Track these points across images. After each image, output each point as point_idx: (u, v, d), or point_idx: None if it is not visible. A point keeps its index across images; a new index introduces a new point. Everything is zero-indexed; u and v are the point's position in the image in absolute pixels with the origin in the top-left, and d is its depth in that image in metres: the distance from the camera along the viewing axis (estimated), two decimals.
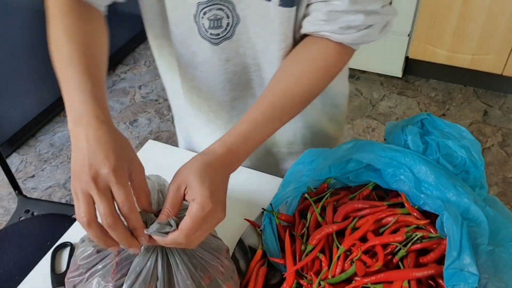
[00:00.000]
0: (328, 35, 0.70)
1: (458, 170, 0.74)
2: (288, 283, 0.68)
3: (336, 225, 0.70)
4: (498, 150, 2.24)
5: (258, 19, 0.72)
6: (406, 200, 0.71)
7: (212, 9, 0.71)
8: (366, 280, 0.64)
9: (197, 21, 0.73)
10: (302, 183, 0.77)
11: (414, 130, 0.77)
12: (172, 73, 0.90)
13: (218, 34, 0.74)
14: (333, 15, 0.67)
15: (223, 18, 0.72)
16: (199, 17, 0.72)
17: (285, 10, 0.68)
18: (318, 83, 0.72)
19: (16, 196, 1.54)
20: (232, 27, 0.74)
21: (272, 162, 1.00)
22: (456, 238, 0.60)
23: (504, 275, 0.60)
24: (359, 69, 2.73)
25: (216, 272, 0.62)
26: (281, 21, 0.70)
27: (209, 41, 0.75)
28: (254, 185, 0.91)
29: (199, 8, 0.71)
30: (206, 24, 0.73)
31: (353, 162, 0.76)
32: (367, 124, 2.44)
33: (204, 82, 0.84)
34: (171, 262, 0.59)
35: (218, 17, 0.72)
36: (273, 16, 0.70)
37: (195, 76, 0.84)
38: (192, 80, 0.85)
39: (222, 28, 0.74)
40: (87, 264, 0.60)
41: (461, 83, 2.62)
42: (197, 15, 0.72)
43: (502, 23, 2.20)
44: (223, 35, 0.75)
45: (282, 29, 0.71)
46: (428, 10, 2.30)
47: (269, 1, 0.68)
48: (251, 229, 0.79)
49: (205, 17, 0.72)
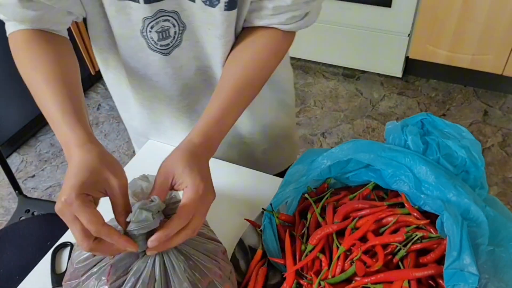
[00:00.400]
0: (277, 26, 0.75)
1: (458, 170, 0.74)
2: (288, 283, 0.68)
3: (336, 225, 0.70)
4: (498, 150, 2.24)
5: (203, 24, 0.73)
6: (406, 200, 0.71)
7: (159, 22, 0.72)
8: (366, 280, 0.64)
9: (144, 36, 0.74)
10: (302, 183, 0.77)
11: (414, 130, 0.77)
12: (120, 86, 0.91)
13: (168, 44, 0.76)
14: (278, 9, 0.72)
15: (170, 27, 0.73)
16: (147, 32, 0.73)
17: (230, 13, 0.71)
18: (270, 66, 0.78)
19: (16, 196, 1.55)
20: (179, 34, 0.75)
21: (241, 153, 1.03)
22: (456, 238, 0.60)
23: (504, 275, 0.60)
24: (359, 69, 2.73)
25: (214, 275, 0.62)
26: (228, 25, 0.73)
27: (160, 52, 0.77)
28: (254, 185, 0.91)
29: (145, 23, 0.72)
30: (155, 37, 0.74)
31: (353, 162, 0.76)
32: (367, 124, 2.44)
33: (160, 91, 0.85)
34: (167, 265, 0.59)
35: (166, 27, 0.73)
36: (219, 21, 0.71)
37: (151, 87, 0.85)
38: (148, 91, 0.86)
39: (171, 38, 0.75)
40: (83, 267, 0.60)
41: (461, 83, 2.62)
42: (144, 30, 0.73)
43: (502, 23, 2.20)
44: (173, 44, 0.76)
45: (229, 32, 0.74)
46: (428, 10, 2.30)
47: (214, 7, 0.69)
48: (251, 229, 0.79)
49: (153, 30, 0.73)
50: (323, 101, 2.59)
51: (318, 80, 2.73)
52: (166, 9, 0.71)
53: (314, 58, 2.81)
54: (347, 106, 2.55)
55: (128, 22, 0.72)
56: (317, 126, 2.44)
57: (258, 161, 1.04)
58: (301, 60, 2.86)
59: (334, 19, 2.53)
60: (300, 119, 2.49)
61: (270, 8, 0.72)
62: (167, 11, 0.71)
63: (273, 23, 0.75)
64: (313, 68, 2.82)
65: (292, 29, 0.76)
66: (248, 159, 1.03)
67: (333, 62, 2.78)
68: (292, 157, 1.15)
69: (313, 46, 2.72)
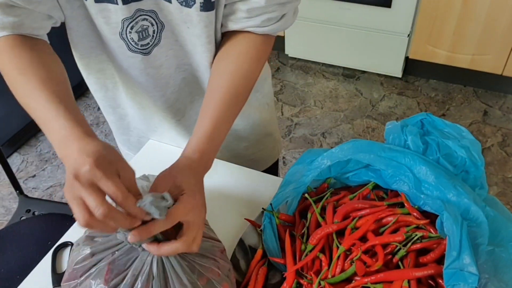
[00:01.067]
0: (252, 30, 0.75)
1: (458, 170, 0.74)
2: (288, 283, 0.68)
3: (336, 225, 0.70)
4: (498, 150, 2.24)
5: (181, 23, 0.74)
6: (406, 200, 0.71)
7: (138, 21, 0.73)
8: (366, 279, 0.64)
9: (124, 38, 0.75)
10: (302, 183, 0.77)
11: (414, 130, 0.77)
12: (104, 90, 0.91)
13: (148, 43, 0.76)
14: (253, 11, 0.72)
15: (148, 26, 0.74)
16: (127, 33, 0.74)
17: (207, 14, 0.71)
18: (254, 71, 0.78)
19: (17, 195, 1.55)
20: (158, 33, 0.76)
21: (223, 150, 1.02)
22: (456, 238, 0.60)
23: (504, 275, 0.60)
24: (359, 69, 2.73)
25: (212, 273, 0.62)
26: (205, 25, 0.73)
27: (140, 53, 0.77)
28: (254, 185, 0.92)
29: (124, 25, 0.72)
30: (135, 37, 0.75)
31: (353, 162, 0.76)
32: (367, 124, 2.44)
33: (144, 91, 0.86)
34: (165, 263, 0.59)
35: (145, 27, 0.74)
36: (196, 21, 0.72)
37: (136, 86, 0.85)
38: (134, 88, 0.87)
39: (150, 37, 0.76)
40: (81, 267, 0.60)
41: (461, 83, 2.62)
42: (123, 31, 0.74)
43: (502, 23, 2.20)
44: (152, 42, 0.77)
45: (206, 32, 0.74)
46: (428, 10, 2.30)
47: (190, 7, 0.70)
48: (251, 229, 0.79)
49: (133, 31, 0.74)
50: (323, 101, 2.60)
51: (318, 80, 2.74)
52: (144, 9, 0.71)
53: (314, 58, 2.82)
54: (347, 106, 2.55)
55: (107, 25, 0.73)
56: (317, 126, 2.45)
57: (241, 158, 1.05)
58: (301, 60, 2.86)
59: (334, 19, 2.53)
60: (300, 119, 2.49)
61: (244, 10, 0.72)
62: (145, 10, 0.72)
63: (249, 26, 0.74)
64: (313, 68, 2.82)
65: (268, 32, 0.76)
66: (230, 156, 1.03)
67: (333, 62, 2.78)
68: (275, 154, 1.15)
69: (313, 46, 2.72)
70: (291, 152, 2.32)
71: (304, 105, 2.57)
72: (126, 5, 0.69)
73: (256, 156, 1.08)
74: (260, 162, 1.11)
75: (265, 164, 1.13)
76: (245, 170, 0.95)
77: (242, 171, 0.95)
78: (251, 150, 1.06)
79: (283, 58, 2.89)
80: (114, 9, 0.70)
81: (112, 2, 0.69)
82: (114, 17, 0.71)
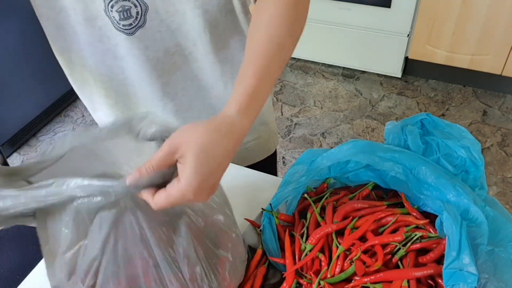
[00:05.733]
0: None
1: (458, 170, 0.74)
2: (288, 283, 0.68)
3: (336, 225, 0.70)
4: (498, 150, 2.24)
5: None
6: (405, 200, 0.71)
7: (118, 1, 0.72)
8: (365, 279, 0.64)
9: (108, 15, 0.74)
10: (302, 183, 0.77)
11: (414, 130, 0.78)
12: (89, 86, 0.89)
13: (131, 24, 0.75)
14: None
15: (131, 7, 0.73)
16: (109, 11, 0.74)
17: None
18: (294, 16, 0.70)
19: None
20: (142, 15, 0.75)
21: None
22: (455, 238, 0.60)
23: (504, 275, 0.60)
24: (358, 69, 2.73)
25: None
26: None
27: (123, 32, 0.76)
28: (254, 185, 0.92)
29: (106, 2, 0.72)
30: (116, 16, 0.74)
31: (353, 162, 0.76)
32: (366, 124, 2.44)
33: (131, 74, 0.84)
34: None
35: (126, 7, 0.73)
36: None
37: (122, 69, 0.83)
38: (120, 74, 0.85)
39: (133, 18, 0.75)
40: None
41: (460, 83, 2.62)
42: (106, 9, 0.73)
43: (501, 23, 2.20)
44: (136, 24, 0.76)
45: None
46: (428, 10, 2.30)
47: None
48: (250, 229, 0.80)
49: (114, 10, 0.73)
50: (323, 101, 2.60)
51: (317, 80, 2.74)
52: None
53: (313, 58, 2.82)
54: (346, 106, 2.55)
55: (92, 2, 0.73)
56: (316, 126, 2.45)
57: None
58: (301, 60, 2.86)
59: (334, 19, 2.53)
60: (300, 119, 2.49)
61: None
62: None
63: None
64: (312, 68, 2.82)
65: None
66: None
67: (332, 62, 2.78)
68: (271, 146, 1.14)
69: (313, 46, 2.72)
70: (291, 152, 2.32)
71: (303, 105, 2.57)
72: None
73: (250, 145, 1.06)
74: (255, 152, 1.09)
75: (261, 155, 1.11)
76: (245, 170, 0.95)
77: (242, 171, 0.95)
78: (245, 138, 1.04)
79: None
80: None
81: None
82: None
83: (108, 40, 0.79)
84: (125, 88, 0.88)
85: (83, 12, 0.74)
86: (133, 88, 0.87)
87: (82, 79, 0.89)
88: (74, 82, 0.92)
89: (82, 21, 0.76)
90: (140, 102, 0.90)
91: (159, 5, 0.75)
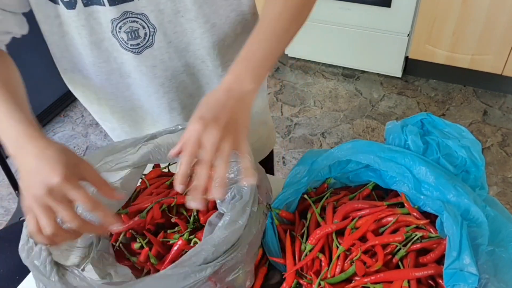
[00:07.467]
0: None
1: (458, 170, 0.74)
2: (288, 283, 0.68)
3: (336, 225, 0.70)
4: (498, 150, 2.24)
5: (174, 18, 0.74)
6: (406, 200, 0.71)
7: (126, 23, 0.73)
8: (366, 280, 0.64)
9: (116, 36, 0.75)
10: (302, 184, 0.77)
11: (414, 130, 0.77)
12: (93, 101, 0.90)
13: (138, 43, 0.77)
14: None
15: (139, 29, 0.74)
16: (116, 32, 0.75)
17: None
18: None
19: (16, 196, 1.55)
20: (150, 36, 0.76)
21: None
22: (456, 238, 0.60)
23: (504, 275, 0.60)
24: (359, 69, 2.73)
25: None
26: (200, 5, 0.73)
27: (131, 51, 0.77)
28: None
29: (114, 24, 0.73)
30: (124, 37, 0.75)
31: (353, 162, 0.76)
32: (366, 124, 2.44)
33: (138, 89, 0.85)
34: None
35: (134, 28, 0.74)
36: (190, 3, 0.72)
37: (128, 86, 0.85)
38: (126, 91, 0.86)
39: (141, 38, 0.76)
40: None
41: (460, 83, 2.62)
42: (114, 31, 0.74)
43: (502, 23, 2.20)
44: (143, 44, 0.77)
45: (202, 12, 0.74)
46: (428, 10, 2.30)
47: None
48: None
49: (122, 31, 0.74)
50: (323, 101, 2.60)
51: (317, 80, 2.74)
52: (132, 11, 0.72)
53: (313, 58, 2.81)
54: (346, 106, 2.55)
55: (98, 25, 0.74)
56: (316, 126, 2.44)
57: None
58: (301, 60, 2.86)
59: (334, 19, 2.53)
60: (300, 119, 2.49)
61: None
62: (134, 13, 0.72)
63: None
64: (312, 68, 2.82)
65: None
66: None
67: (332, 62, 2.78)
68: (270, 142, 1.14)
69: (313, 46, 2.72)
70: (291, 152, 2.32)
71: (303, 105, 2.57)
72: (113, 7, 0.71)
73: (253, 147, 1.07)
74: (257, 152, 1.09)
75: (262, 154, 1.12)
76: None
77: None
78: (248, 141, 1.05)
79: (282, 58, 2.89)
80: (102, 10, 0.71)
81: (100, 4, 0.70)
82: (103, 17, 0.72)
83: (115, 60, 0.80)
84: (131, 103, 0.89)
85: (89, 36, 0.75)
86: (139, 102, 0.88)
87: (84, 96, 0.90)
88: (79, 97, 0.93)
89: (88, 44, 0.77)
90: (147, 115, 0.92)
91: (167, 26, 0.75)
